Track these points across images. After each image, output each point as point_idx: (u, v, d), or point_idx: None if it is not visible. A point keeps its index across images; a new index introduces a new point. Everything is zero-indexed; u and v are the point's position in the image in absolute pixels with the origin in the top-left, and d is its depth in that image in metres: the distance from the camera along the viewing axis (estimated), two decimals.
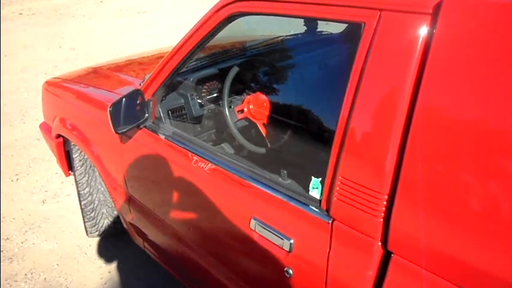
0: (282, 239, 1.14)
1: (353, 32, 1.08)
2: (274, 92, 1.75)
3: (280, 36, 2.03)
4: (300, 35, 2.03)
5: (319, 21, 1.90)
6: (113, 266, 2.25)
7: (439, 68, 0.83)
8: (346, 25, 1.79)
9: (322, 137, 1.34)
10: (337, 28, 2.04)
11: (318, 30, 2.06)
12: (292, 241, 1.12)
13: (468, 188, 0.81)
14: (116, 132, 1.56)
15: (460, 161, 0.81)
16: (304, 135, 1.53)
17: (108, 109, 1.54)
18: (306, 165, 1.25)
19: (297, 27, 2.00)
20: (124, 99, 1.54)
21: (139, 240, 1.98)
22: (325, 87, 1.63)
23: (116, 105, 1.54)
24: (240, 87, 1.73)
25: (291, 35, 2.03)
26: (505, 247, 0.76)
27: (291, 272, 1.14)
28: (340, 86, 1.00)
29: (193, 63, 1.84)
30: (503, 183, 0.77)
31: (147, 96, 1.59)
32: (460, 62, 0.82)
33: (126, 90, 1.69)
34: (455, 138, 0.81)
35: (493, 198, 0.78)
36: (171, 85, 1.68)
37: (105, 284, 2.15)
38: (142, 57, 2.58)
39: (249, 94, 1.64)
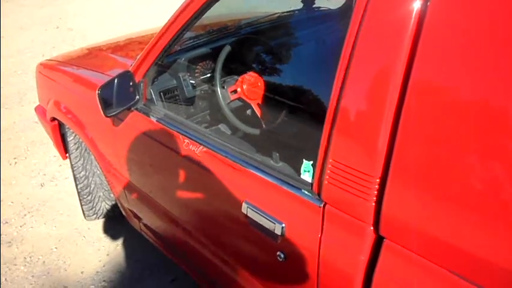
0: (274, 223, 1.11)
1: (348, 7, 1.03)
2: (269, 71, 1.70)
3: (275, 13, 1.96)
4: (294, 12, 1.96)
5: None
6: (111, 248, 2.25)
7: (433, 43, 0.78)
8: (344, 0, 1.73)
9: (315, 117, 1.30)
10: (336, 3, 1.97)
11: (315, 6, 1.99)
12: (283, 225, 1.09)
13: (462, 171, 0.77)
14: (106, 116, 1.52)
15: (455, 141, 0.76)
16: (297, 116, 1.48)
17: (97, 92, 1.49)
18: (298, 148, 1.21)
19: (293, 2, 1.93)
20: (113, 81, 1.50)
21: (135, 223, 1.97)
22: (320, 66, 1.57)
23: (105, 87, 1.50)
24: (234, 67, 1.67)
25: (285, 12, 1.97)
26: (499, 232, 0.73)
27: (283, 255, 1.12)
28: (334, 64, 0.95)
29: (186, 42, 1.79)
30: (500, 165, 0.73)
31: (137, 78, 1.55)
32: (456, 36, 0.76)
33: (120, 72, 1.64)
34: (451, 118, 0.77)
35: (488, 182, 0.74)
36: (162, 65, 1.63)
37: (104, 266, 2.15)
38: (142, 36, 2.51)
39: (243, 74, 1.59)
